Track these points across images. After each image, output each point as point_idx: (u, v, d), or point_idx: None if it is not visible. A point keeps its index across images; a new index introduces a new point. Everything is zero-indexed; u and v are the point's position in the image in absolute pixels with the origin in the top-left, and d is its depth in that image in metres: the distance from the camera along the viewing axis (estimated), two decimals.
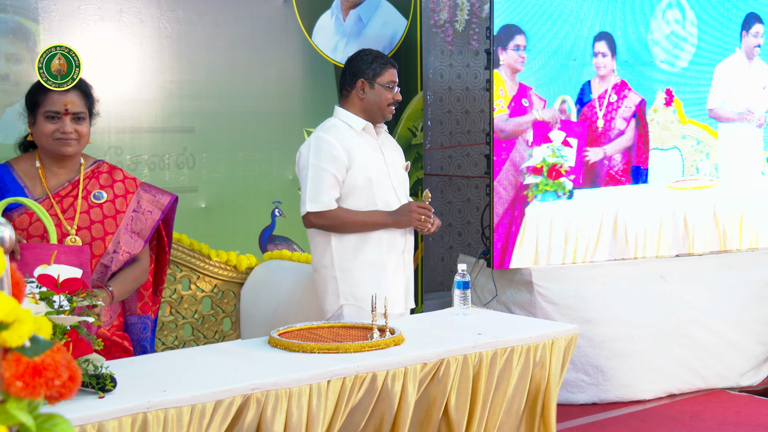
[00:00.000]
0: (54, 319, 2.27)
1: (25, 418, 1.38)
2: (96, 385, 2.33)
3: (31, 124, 2.88)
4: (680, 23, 5.13)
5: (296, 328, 3.13)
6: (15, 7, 3.83)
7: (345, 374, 2.67)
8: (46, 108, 2.83)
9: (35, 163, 2.90)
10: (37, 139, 2.87)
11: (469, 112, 6.16)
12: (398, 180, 3.61)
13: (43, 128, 2.84)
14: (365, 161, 3.49)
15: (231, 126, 4.43)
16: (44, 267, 2.43)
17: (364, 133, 3.55)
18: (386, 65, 3.56)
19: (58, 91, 2.83)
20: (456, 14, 5.82)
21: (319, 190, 3.43)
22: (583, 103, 4.86)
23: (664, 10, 5.07)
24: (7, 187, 2.85)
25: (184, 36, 4.28)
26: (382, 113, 3.56)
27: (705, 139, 5.27)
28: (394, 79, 3.56)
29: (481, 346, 2.98)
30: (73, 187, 2.93)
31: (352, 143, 3.49)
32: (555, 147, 4.74)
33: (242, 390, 2.47)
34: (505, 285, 4.85)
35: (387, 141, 3.67)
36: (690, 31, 5.17)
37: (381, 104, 3.54)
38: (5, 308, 1.36)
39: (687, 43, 5.16)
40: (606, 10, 4.87)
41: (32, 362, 1.38)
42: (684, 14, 5.15)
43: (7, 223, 1.48)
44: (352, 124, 3.53)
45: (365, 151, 3.51)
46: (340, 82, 3.63)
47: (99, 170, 3.00)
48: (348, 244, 3.49)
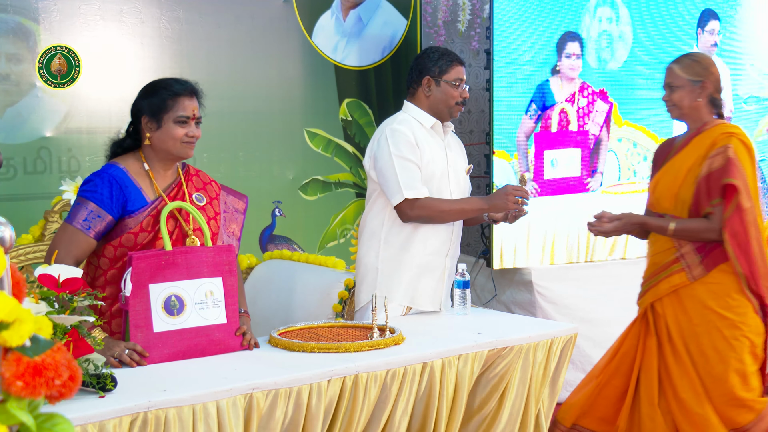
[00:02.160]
0: (54, 318, 2.27)
1: (26, 417, 1.38)
2: (97, 385, 2.32)
3: (153, 128, 2.87)
4: (613, 21, 5.05)
5: (296, 327, 3.13)
6: (15, 7, 3.82)
7: (345, 374, 2.67)
8: (178, 113, 2.86)
9: (143, 165, 2.91)
10: (162, 142, 2.87)
11: (471, 112, 6.16)
12: (456, 183, 3.54)
13: (174, 132, 2.86)
14: (432, 157, 3.44)
15: (231, 126, 4.42)
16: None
17: (432, 130, 3.50)
18: (453, 62, 3.50)
19: (188, 97, 2.88)
20: (458, 14, 5.81)
21: (412, 178, 3.36)
22: (546, 107, 4.83)
23: (595, 8, 4.98)
24: (128, 189, 2.85)
25: (185, 36, 4.27)
26: (450, 111, 3.50)
27: (642, 142, 5.19)
28: (461, 77, 3.51)
29: (481, 345, 2.98)
30: (178, 189, 2.96)
31: (421, 138, 3.44)
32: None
33: (243, 389, 2.47)
34: (505, 285, 4.84)
35: (453, 142, 3.61)
36: (623, 30, 5.09)
37: (448, 102, 3.48)
38: (6, 308, 1.36)
39: (621, 41, 5.07)
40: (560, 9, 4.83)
41: (33, 362, 1.38)
42: (618, 13, 5.04)
43: (7, 222, 1.48)
44: (422, 121, 3.48)
45: (431, 149, 3.46)
46: (408, 79, 3.57)
47: (189, 173, 3.03)
48: (395, 241, 3.45)
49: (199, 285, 2.81)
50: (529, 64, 4.81)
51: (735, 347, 3.26)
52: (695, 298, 3.33)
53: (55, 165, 3.97)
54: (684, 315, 3.35)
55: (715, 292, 3.30)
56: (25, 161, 3.90)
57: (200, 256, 2.83)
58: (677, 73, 3.39)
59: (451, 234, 3.50)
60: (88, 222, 2.80)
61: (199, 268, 2.82)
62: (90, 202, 2.81)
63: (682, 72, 3.38)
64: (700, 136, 3.39)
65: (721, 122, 3.41)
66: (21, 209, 3.82)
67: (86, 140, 4.05)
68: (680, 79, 3.37)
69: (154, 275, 2.74)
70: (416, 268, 3.45)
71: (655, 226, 3.42)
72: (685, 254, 3.35)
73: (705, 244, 3.32)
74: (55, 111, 3.96)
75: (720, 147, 3.30)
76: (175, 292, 2.77)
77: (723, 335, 3.27)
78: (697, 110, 3.39)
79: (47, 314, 2.27)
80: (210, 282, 2.84)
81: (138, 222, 2.85)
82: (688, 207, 3.35)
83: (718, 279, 3.31)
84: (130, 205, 2.85)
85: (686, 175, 3.36)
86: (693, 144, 3.40)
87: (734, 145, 3.29)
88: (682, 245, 3.35)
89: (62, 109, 3.98)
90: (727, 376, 3.26)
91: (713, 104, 3.40)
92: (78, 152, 4.04)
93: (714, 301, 3.29)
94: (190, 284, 2.80)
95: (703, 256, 3.32)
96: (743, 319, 3.27)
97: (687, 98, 3.37)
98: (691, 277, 3.33)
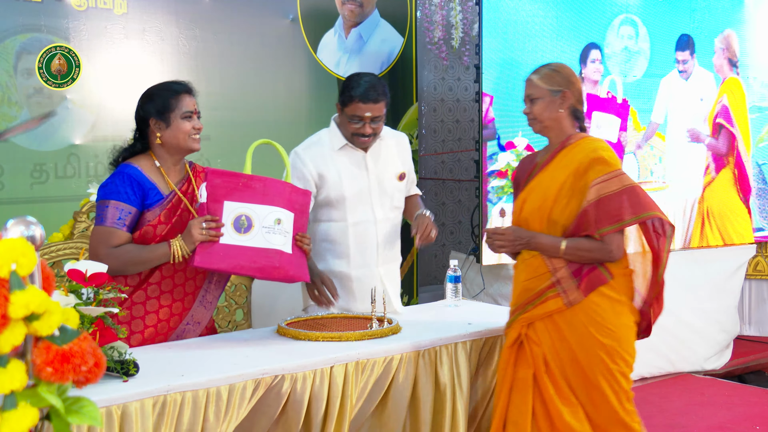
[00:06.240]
0: (82, 309, 2.27)
1: (55, 400, 1.37)
2: (120, 370, 2.32)
3: (163, 127, 2.85)
4: (633, 39, 5.10)
5: (303, 318, 3.12)
6: (48, 27, 3.81)
7: (347, 360, 2.66)
8: (183, 110, 2.85)
9: (155, 162, 2.89)
10: (173, 138, 2.85)
11: (459, 122, 6.15)
12: (382, 193, 3.30)
13: (182, 127, 2.85)
14: (340, 179, 3.22)
15: (243, 134, 4.41)
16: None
17: (347, 147, 3.25)
18: (353, 100, 3.14)
19: (187, 94, 2.87)
20: (451, 32, 5.81)
21: None
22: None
23: (618, 26, 5.05)
24: (145, 185, 2.83)
25: (201, 52, 4.27)
26: (351, 139, 3.23)
27: (657, 144, 5.24)
28: (359, 114, 3.15)
29: (471, 335, 2.97)
30: (188, 184, 2.94)
31: (328, 161, 3.22)
32: (519, 152, 4.71)
33: (253, 375, 2.47)
34: (492, 279, 4.84)
35: (383, 151, 3.33)
36: (642, 46, 5.14)
37: (347, 132, 3.23)
38: (36, 301, 1.35)
39: (640, 56, 5.13)
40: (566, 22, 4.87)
41: (61, 350, 1.37)
42: (637, 30, 5.11)
43: (37, 222, 1.47)
44: (334, 140, 3.25)
45: (342, 168, 3.23)
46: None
47: (196, 169, 3.02)
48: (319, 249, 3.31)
49: (270, 211, 2.80)
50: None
51: (613, 371, 2.81)
52: (573, 324, 2.83)
53: (83, 170, 3.96)
54: (561, 342, 2.84)
55: (593, 317, 2.81)
56: (56, 166, 3.89)
57: (278, 188, 2.84)
58: (537, 84, 2.91)
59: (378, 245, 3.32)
60: (122, 220, 2.77)
61: (274, 197, 2.81)
62: (117, 201, 2.78)
63: (541, 82, 2.90)
64: (564, 150, 2.90)
65: (585, 136, 2.93)
66: (52, 210, 3.81)
67: (111, 147, 4.01)
68: (540, 90, 2.90)
69: (230, 193, 2.75)
70: (337, 277, 3.27)
71: (547, 243, 2.85)
72: (561, 279, 2.83)
73: (581, 267, 2.82)
74: (84, 121, 3.95)
75: (610, 173, 2.80)
76: (246, 212, 2.77)
77: (602, 360, 2.80)
78: (559, 122, 2.91)
79: (75, 306, 2.27)
80: (281, 212, 2.82)
81: (156, 215, 2.83)
82: (563, 229, 2.84)
83: (597, 302, 2.82)
84: (147, 199, 2.83)
85: (557, 194, 2.85)
86: (559, 159, 2.91)
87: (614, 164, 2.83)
88: (558, 270, 2.84)
89: (90, 119, 3.97)
90: (608, 399, 2.81)
91: (575, 116, 2.93)
92: (104, 158, 4.02)
93: (593, 327, 2.81)
94: (262, 209, 2.79)
95: (580, 280, 2.82)
96: (620, 344, 2.83)
97: (547, 110, 2.89)
98: (568, 303, 2.82)
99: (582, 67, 4.89)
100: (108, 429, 2.17)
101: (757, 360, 5.49)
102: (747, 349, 5.61)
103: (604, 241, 2.80)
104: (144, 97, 2.91)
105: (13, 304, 1.34)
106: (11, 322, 1.34)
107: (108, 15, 3.97)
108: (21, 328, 1.35)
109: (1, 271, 1.35)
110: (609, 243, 2.80)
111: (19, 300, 1.34)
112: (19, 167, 3.79)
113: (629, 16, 5.07)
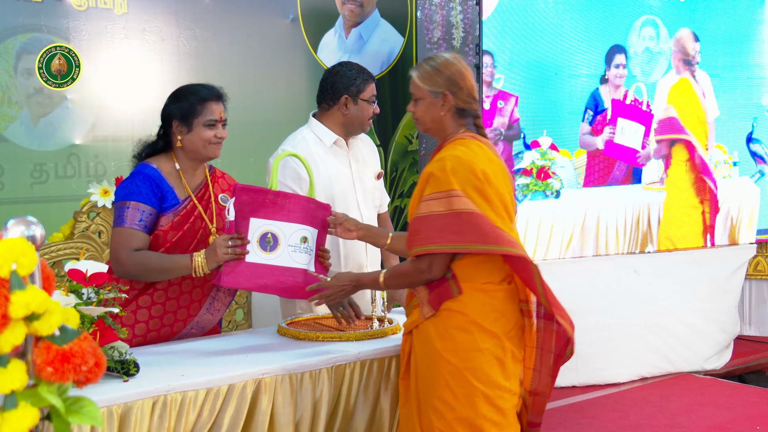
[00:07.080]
0: (82, 309, 2.27)
1: (55, 400, 1.37)
2: (121, 370, 2.32)
3: (184, 132, 2.81)
4: (654, 40, 5.13)
5: (303, 318, 3.12)
6: (49, 27, 3.81)
7: (347, 360, 2.66)
8: (207, 117, 2.81)
9: (175, 165, 2.85)
10: (192, 144, 2.82)
11: None
12: (364, 192, 3.33)
13: (203, 134, 2.81)
14: (329, 179, 3.22)
15: (243, 134, 4.42)
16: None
17: (334, 146, 3.27)
18: (368, 81, 3.26)
19: (214, 101, 2.83)
20: (452, 32, 5.80)
21: None
22: (598, 111, 4.88)
23: (640, 27, 5.07)
24: (163, 187, 2.80)
25: (201, 52, 4.27)
26: (362, 127, 3.29)
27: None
28: (375, 93, 3.28)
29: None
30: (205, 189, 2.91)
31: (317, 159, 3.21)
32: (543, 151, 4.77)
33: (254, 375, 2.46)
34: None
35: (361, 150, 3.38)
36: (663, 47, 5.17)
37: (363, 119, 3.26)
38: (36, 300, 1.35)
39: (662, 56, 5.16)
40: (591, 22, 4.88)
41: (61, 350, 1.37)
42: (658, 31, 5.14)
43: (37, 222, 1.47)
44: (323, 139, 3.25)
45: (330, 167, 3.24)
46: (320, 95, 3.28)
47: (215, 175, 2.98)
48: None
49: (296, 230, 2.75)
50: (586, 77, 4.88)
51: (459, 396, 2.48)
52: (425, 340, 2.55)
53: (84, 170, 3.96)
54: (415, 357, 2.59)
55: (440, 332, 2.52)
56: (56, 166, 3.89)
57: (302, 204, 2.78)
58: (417, 84, 2.63)
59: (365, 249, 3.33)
60: (142, 222, 2.74)
61: (299, 213, 2.76)
62: (138, 203, 2.75)
63: (421, 83, 2.61)
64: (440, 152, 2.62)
65: (458, 138, 2.60)
66: (53, 210, 3.81)
67: (112, 147, 4.04)
68: (420, 90, 2.62)
69: (256, 210, 2.70)
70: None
71: (369, 281, 2.68)
72: (419, 290, 2.58)
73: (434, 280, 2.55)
74: (84, 121, 3.95)
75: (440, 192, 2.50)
76: (272, 230, 2.72)
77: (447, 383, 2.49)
78: (441, 124, 2.62)
79: (75, 306, 2.27)
80: (307, 229, 2.78)
81: (169, 220, 2.80)
82: None
83: (443, 318, 2.52)
84: (164, 203, 2.80)
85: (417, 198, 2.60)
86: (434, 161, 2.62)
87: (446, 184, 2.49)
88: None
89: (90, 119, 3.97)
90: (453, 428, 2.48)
91: (462, 114, 2.62)
92: (104, 158, 4.03)
93: (440, 343, 2.51)
94: (288, 227, 2.74)
95: (429, 292, 2.55)
96: (467, 365, 2.49)
97: (429, 112, 2.62)
98: (423, 315, 2.55)
99: (606, 70, 4.93)
100: (108, 429, 2.17)
101: (757, 360, 5.49)
102: (747, 349, 5.60)
103: (419, 260, 2.52)
104: (172, 97, 2.87)
105: (13, 304, 1.34)
106: (11, 321, 1.34)
107: (108, 15, 3.97)
108: (21, 327, 1.35)
109: (2, 270, 1.35)
110: (420, 263, 2.52)
111: (20, 300, 1.34)
112: (19, 167, 3.79)
113: (650, 18, 5.08)
